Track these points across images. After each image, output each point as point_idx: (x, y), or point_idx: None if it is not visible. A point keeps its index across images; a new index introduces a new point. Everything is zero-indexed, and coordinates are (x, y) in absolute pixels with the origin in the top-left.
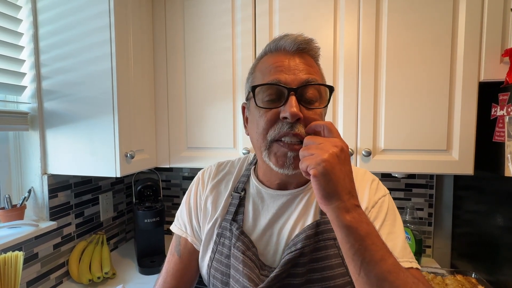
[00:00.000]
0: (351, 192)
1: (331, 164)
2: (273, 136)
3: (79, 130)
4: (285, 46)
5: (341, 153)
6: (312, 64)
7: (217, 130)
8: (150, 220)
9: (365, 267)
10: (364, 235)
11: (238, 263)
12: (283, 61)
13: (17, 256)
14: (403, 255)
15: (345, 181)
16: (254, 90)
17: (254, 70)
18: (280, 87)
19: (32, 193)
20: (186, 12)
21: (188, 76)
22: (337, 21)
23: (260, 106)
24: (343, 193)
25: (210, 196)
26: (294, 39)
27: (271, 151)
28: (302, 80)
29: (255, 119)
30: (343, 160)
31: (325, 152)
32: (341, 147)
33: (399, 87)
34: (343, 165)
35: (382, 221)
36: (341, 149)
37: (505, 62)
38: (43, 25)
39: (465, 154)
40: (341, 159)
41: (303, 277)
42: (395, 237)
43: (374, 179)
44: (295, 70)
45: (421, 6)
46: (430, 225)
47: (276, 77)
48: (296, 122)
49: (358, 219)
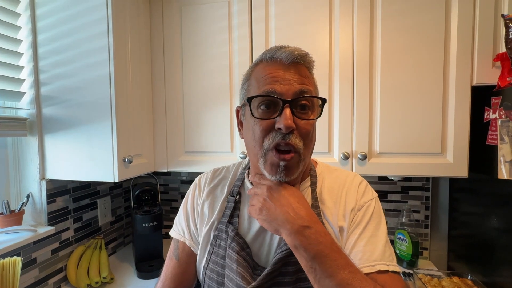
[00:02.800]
0: (295, 218)
1: (267, 209)
2: (268, 145)
3: (78, 135)
4: (282, 58)
5: (269, 193)
6: (307, 75)
7: (215, 134)
8: (148, 224)
9: (318, 281)
10: (314, 255)
11: (232, 263)
12: (278, 72)
13: (15, 261)
14: (382, 258)
15: (284, 210)
16: (250, 100)
17: (249, 77)
18: (275, 98)
19: (31, 198)
20: (183, 18)
21: (186, 81)
22: (332, 26)
23: (255, 116)
24: (286, 221)
25: (207, 201)
26: (291, 52)
27: (267, 160)
28: (297, 91)
29: (250, 126)
30: (275, 197)
31: (259, 200)
32: (268, 188)
33: (394, 91)
34: (276, 201)
35: (366, 224)
36: (268, 190)
37: (497, 67)
38: (41, 32)
39: (459, 157)
40: (271, 197)
41: (294, 276)
42: (377, 241)
43: (361, 182)
44: (290, 80)
45: (414, 12)
46: (426, 227)
47: (272, 87)
48: (289, 132)
49: (305, 242)
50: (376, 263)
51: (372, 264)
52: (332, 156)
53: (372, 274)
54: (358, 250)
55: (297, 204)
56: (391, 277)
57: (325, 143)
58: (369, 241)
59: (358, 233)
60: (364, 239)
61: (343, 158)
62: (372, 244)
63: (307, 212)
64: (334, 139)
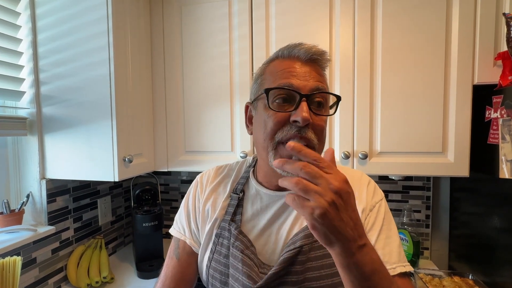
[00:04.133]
0: (355, 236)
1: (329, 218)
2: (280, 138)
3: (78, 135)
4: (299, 55)
5: (338, 199)
6: (321, 73)
7: (215, 134)
8: (148, 224)
9: None
10: (368, 274)
11: (237, 262)
12: (295, 67)
13: (15, 261)
14: (399, 259)
15: (347, 228)
16: (267, 92)
17: (263, 72)
18: (292, 91)
19: (31, 198)
20: (183, 17)
21: (186, 80)
22: (333, 25)
23: (271, 108)
24: (347, 239)
25: (209, 199)
26: (309, 49)
27: (277, 152)
28: (313, 87)
29: (262, 120)
30: (343, 206)
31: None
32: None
33: (395, 90)
34: (344, 212)
35: (381, 225)
36: (338, 194)
37: (498, 65)
38: (41, 31)
39: (460, 156)
40: (341, 206)
41: (301, 275)
42: (392, 241)
43: (370, 181)
44: (307, 77)
45: (415, 10)
46: (427, 227)
47: (289, 81)
48: (305, 126)
49: (360, 262)
50: (396, 265)
51: (393, 267)
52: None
53: (395, 277)
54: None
55: (358, 219)
56: (408, 281)
57: (326, 142)
58: (386, 242)
59: (375, 236)
60: (382, 242)
61: (344, 157)
62: (389, 246)
63: (362, 228)
64: (335, 138)
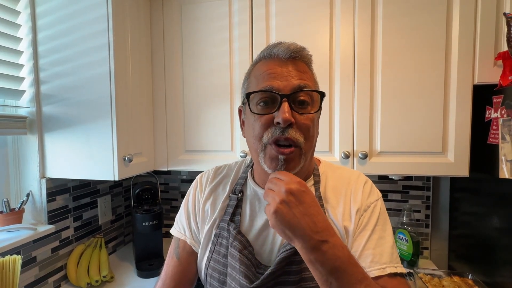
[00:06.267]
0: (314, 229)
1: (281, 214)
2: (266, 140)
3: (78, 134)
4: (279, 54)
5: (289, 196)
6: (305, 70)
7: (215, 133)
8: (148, 223)
9: None
10: (330, 270)
11: (235, 261)
12: (276, 68)
13: (15, 260)
14: (390, 260)
15: (303, 221)
16: (249, 97)
17: (249, 75)
18: (273, 93)
19: (31, 197)
20: (183, 16)
21: (186, 79)
22: (333, 25)
23: (254, 112)
24: (303, 234)
25: (209, 199)
26: (287, 48)
27: (266, 154)
28: (294, 86)
29: (250, 123)
30: (295, 203)
31: (276, 200)
32: (288, 190)
33: (395, 90)
34: (296, 208)
35: (374, 226)
36: (288, 193)
37: (499, 65)
38: (42, 30)
39: (460, 156)
40: (292, 202)
41: (298, 275)
42: (385, 242)
43: (367, 181)
44: (288, 76)
45: (416, 11)
46: (427, 227)
47: (269, 83)
48: (288, 126)
49: (322, 257)
50: (386, 266)
51: (382, 267)
52: (333, 155)
53: (383, 277)
54: (368, 253)
55: (317, 216)
56: (399, 281)
57: (326, 142)
58: (378, 243)
59: (367, 236)
60: (373, 242)
61: (344, 157)
62: (381, 247)
63: (325, 225)
64: (335, 138)
